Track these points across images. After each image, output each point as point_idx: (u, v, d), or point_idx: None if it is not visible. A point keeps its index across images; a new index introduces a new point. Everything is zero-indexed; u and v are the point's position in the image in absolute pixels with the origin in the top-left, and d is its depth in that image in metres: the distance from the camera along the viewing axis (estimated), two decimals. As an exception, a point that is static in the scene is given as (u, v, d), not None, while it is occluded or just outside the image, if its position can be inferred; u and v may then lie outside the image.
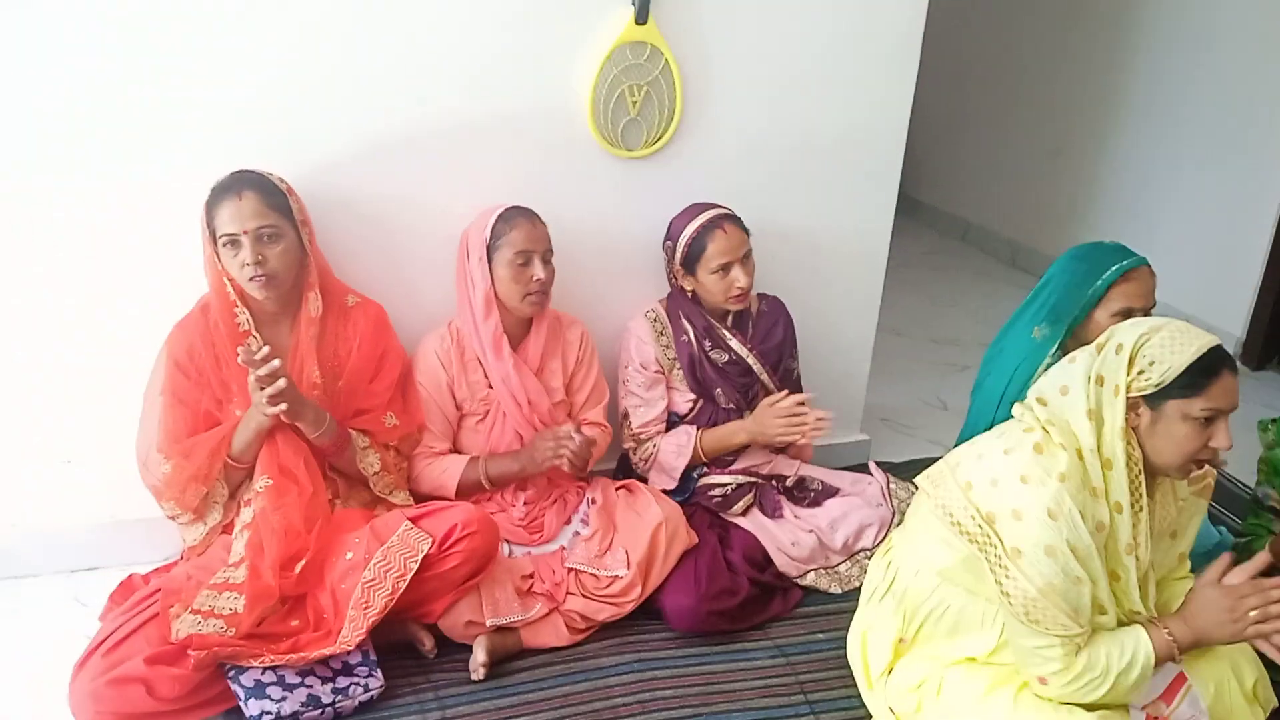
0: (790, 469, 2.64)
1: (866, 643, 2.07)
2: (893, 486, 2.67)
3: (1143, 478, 1.77)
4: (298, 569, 2.07)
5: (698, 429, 2.52)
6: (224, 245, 2.09)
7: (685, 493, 2.55)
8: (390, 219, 2.42)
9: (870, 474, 2.73)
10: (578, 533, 2.38)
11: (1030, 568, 1.72)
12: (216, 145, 2.23)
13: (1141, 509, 1.78)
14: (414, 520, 2.11)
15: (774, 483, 2.60)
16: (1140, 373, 1.73)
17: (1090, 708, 1.84)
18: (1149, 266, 2.28)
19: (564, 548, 2.36)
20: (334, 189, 2.34)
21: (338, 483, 2.27)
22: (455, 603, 2.15)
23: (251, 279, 2.09)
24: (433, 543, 2.06)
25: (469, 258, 2.31)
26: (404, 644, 2.19)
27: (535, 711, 2.08)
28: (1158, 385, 1.72)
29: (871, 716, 2.05)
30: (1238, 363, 3.93)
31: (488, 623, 2.15)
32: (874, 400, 3.33)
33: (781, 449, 2.69)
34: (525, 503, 2.38)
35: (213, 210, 2.09)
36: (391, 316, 2.36)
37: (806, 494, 2.59)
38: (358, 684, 2.04)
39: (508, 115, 2.42)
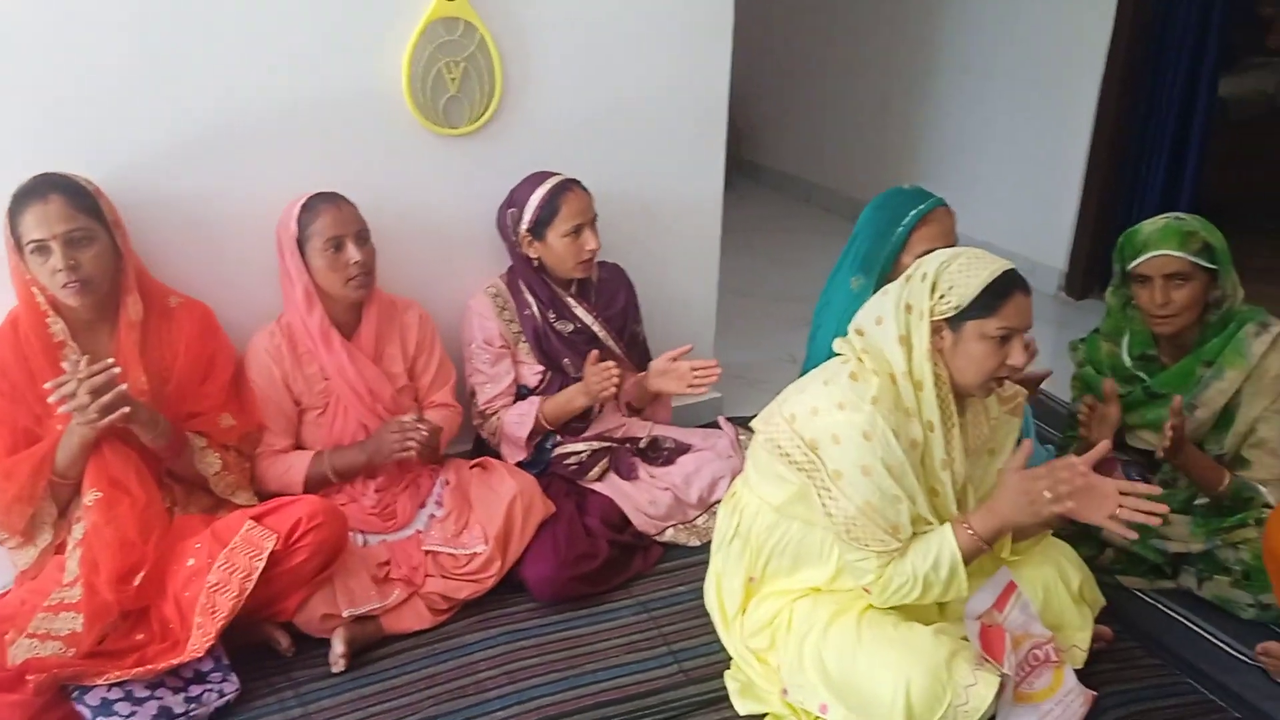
0: (643, 431, 2.69)
1: (721, 587, 2.13)
2: (742, 438, 2.74)
3: (951, 397, 1.88)
4: (136, 581, 2.00)
5: (541, 398, 2.54)
6: (32, 252, 2.00)
7: (541, 464, 2.57)
8: (208, 215, 2.35)
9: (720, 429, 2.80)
10: (433, 515, 2.37)
11: (850, 487, 1.81)
12: (15, 149, 2.11)
13: (953, 426, 1.89)
14: (257, 518, 2.06)
15: (628, 445, 2.64)
16: (941, 297, 1.83)
17: (927, 621, 1.95)
18: (946, 207, 2.39)
19: (420, 531, 2.35)
20: (144, 188, 2.25)
21: (175, 489, 2.20)
22: (308, 598, 2.11)
23: (65, 285, 2.00)
24: (278, 539, 2.02)
25: (283, 253, 2.27)
26: (260, 645, 2.14)
27: (400, 695, 2.07)
28: (957, 308, 1.82)
29: (731, 657, 2.12)
30: (1062, 292, 4.19)
31: (344, 614, 2.13)
32: (727, 360, 3.38)
33: (636, 410, 2.74)
34: (376, 490, 2.36)
35: (16, 216, 1.99)
36: (219, 315, 2.29)
37: (660, 453, 2.64)
38: (211, 690, 1.99)
39: (322, 99, 2.38)
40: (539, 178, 2.52)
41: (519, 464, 2.53)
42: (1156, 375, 2.42)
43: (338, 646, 2.09)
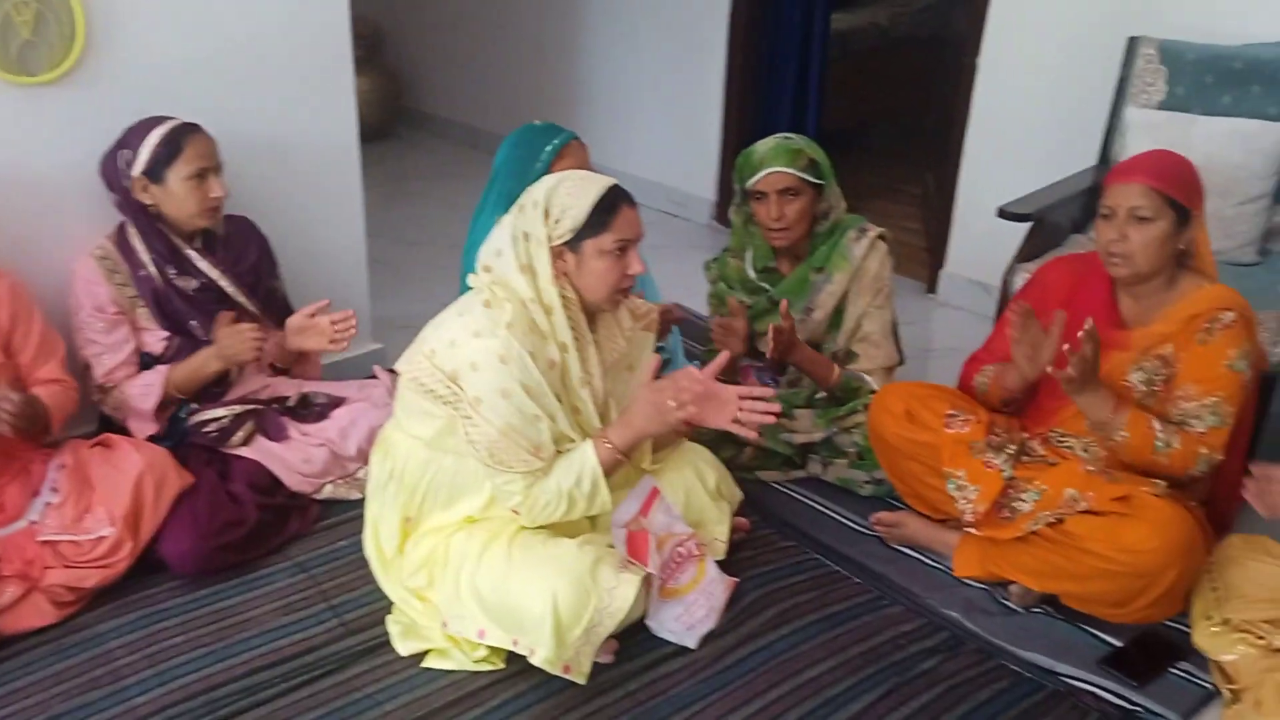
0: (292, 389, 2.57)
1: (378, 532, 2.10)
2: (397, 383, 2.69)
3: (582, 316, 1.94)
4: None
5: (169, 366, 2.37)
6: None
7: (178, 435, 2.40)
8: None
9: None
10: (49, 503, 2.14)
11: (490, 411, 1.84)
12: None
13: (588, 344, 1.96)
14: None
15: (275, 406, 2.51)
16: (556, 222, 1.88)
17: (574, 534, 2.02)
18: (579, 140, 2.50)
19: (34, 522, 2.12)
20: None
21: None
22: (-107, 611, 1.87)
23: None
24: None
25: None
26: None
27: (23, 698, 1.88)
28: (572, 230, 1.87)
29: (392, 602, 2.09)
30: (714, 221, 4.45)
31: (-57, 623, 1.90)
32: (395, 311, 3.33)
33: (282, 370, 2.61)
34: (-25, 483, 2.11)
35: None
36: None
37: (311, 410, 2.54)
38: None
39: None
40: (156, 120, 2.34)
41: (151, 438, 2.35)
42: (778, 285, 2.62)
43: (-62, 660, 1.87)
